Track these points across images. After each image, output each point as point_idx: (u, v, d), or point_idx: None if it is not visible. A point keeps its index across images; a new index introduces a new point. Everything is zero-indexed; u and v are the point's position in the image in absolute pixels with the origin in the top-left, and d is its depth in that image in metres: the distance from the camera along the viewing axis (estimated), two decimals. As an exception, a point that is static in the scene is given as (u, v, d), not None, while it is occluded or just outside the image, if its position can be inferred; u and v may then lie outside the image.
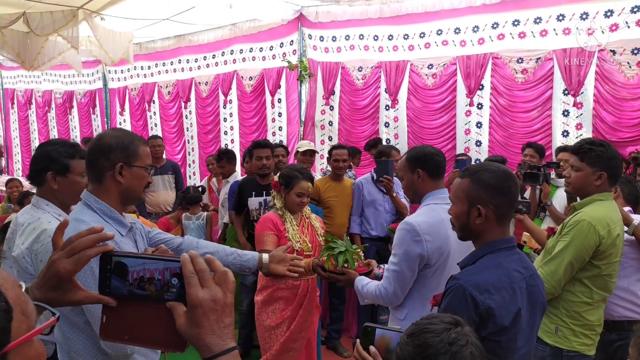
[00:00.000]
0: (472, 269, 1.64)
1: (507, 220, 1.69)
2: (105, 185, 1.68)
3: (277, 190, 3.04)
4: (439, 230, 2.17)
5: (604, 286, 2.35)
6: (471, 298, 1.50)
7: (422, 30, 5.83)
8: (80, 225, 1.57)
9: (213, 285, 0.86)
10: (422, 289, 2.21)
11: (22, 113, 11.99)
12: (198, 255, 0.87)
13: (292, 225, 2.96)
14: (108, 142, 1.68)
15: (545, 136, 5.22)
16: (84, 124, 10.80)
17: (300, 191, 2.94)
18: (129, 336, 0.92)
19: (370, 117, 6.47)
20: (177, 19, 6.78)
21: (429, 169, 2.28)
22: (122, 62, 7.68)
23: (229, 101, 7.98)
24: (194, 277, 0.85)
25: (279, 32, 7.00)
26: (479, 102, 5.65)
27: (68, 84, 10.84)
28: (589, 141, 2.45)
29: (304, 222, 3.08)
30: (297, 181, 2.93)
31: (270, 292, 2.99)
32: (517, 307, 1.55)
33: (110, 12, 5.81)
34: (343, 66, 6.58)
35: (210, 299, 0.84)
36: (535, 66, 5.20)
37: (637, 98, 4.66)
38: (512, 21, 5.24)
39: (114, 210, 1.67)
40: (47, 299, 0.94)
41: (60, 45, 6.33)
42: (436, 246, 2.16)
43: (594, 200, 2.38)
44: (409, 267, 2.16)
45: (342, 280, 2.47)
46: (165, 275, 0.88)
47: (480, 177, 1.65)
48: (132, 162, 1.69)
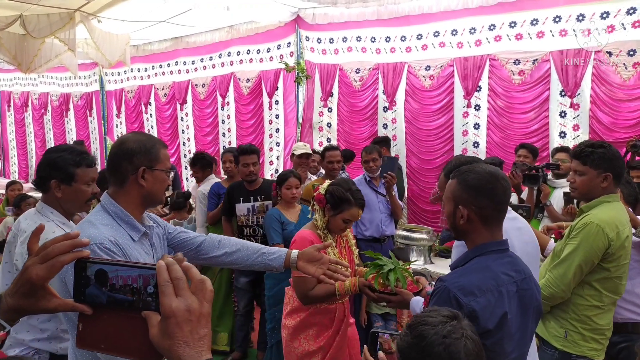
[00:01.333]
0: (460, 270, 1.63)
1: (495, 222, 1.65)
2: (126, 188, 1.68)
3: (321, 205, 2.66)
4: None
5: (614, 289, 2.32)
6: (455, 300, 1.49)
7: (419, 32, 5.85)
8: (90, 228, 1.58)
9: (188, 294, 0.82)
10: None
11: (18, 116, 11.95)
12: (175, 262, 0.84)
13: (333, 249, 2.64)
14: (131, 146, 1.68)
15: (542, 137, 5.25)
16: (80, 126, 10.78)
17: (349, 218, 2.60)
18: (105, 345, 0.89)
19: (369, 118, 6.48)
20: (174, 21, 6.78)
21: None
22: (119, 65, 7.66)
23: (226, 103, 7.98)
24: (169, 285, 0.81)
25: (276, 34, 7.01)
26: (476, 103, 5.66)
27: (64, 86, 10.82)
28: (588, 144, 2.43)
29: (341, 242, 2.77)
30: (349, 207, 2.57)
31: (304, 317, 2.67)
32: (503, 311, 1.52)
33: (107, 14, 5.80)
34: (340, 68, 6.60)
35: (184, 309, 0.80)
36: (532, 67, 5.22)
37: (634, 99, 4.70)
38: (508, 23, 5.26)
39: (128, 214, 1.67)
40: (20, 306, 0.92)
41: (57, 48, 6.32)
42: None
43: (601, 202, 2.35)
44: None
45: (395, 301, 2.21)
46: (140, 283, 0.85)
47: (465, 178, 1.64)
48: (154, 165, 1.70)
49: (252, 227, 4.07)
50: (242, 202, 4.07)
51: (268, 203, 4.06)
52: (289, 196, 3.67)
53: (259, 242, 3.93)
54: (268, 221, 3.71)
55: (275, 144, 7.51)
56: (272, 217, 3.69)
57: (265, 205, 4.07)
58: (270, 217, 3.71)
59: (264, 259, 1.93)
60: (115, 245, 1.55)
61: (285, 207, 3.75)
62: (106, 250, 1.53)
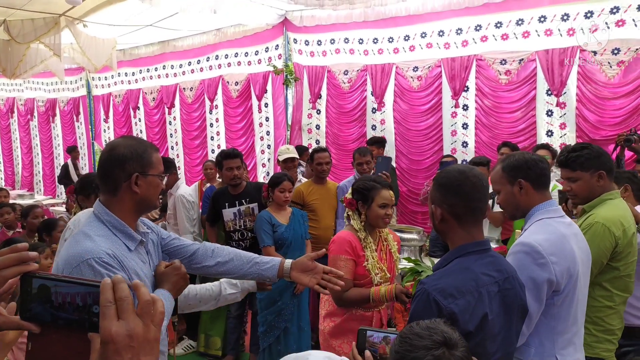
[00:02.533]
0: (439, 273, 1.62)
1: (469, 221, 1.62)
2: (120, 196, 1.63)
3: (352, 208, 2.62)
4: (564, 249, 1.85)
5: (625, 287, 2.28)
6: (435, 303, 1.47)
7: (406, 33, 5.87)
8: (86, 240, 1.52)
9: (132, 317, 0.74)
10: (552, 321, 1.87)
11: (3, 122, 11.81)
12: (123, 280, 0.77)
13: (372, 252, 2.57)
14: (122, 152, 1.62)
15: (529, 136, 5.29)
16: (67, 132, 10.68)
17: (383, 202, 2.54)
18: None
19: (357, 120, 6.49)
20: (161, 25, 6.74)
21: (533, 178, 1.96)
22: (106, 69, 7.61)
23: (215, 106, 7.96)
24: (111, 307, 0.74)
25: (264, 37, 7.00)
26: (464, 103, 5.70)
27: (51, 91, 10.71)
28: (570, 149, 2.39)
29: (381, 246, 2.68)
30: (377, 191, 2.54)
31: (339, 322, 2.60)
32: (484, 312, 1.51)
33: (93, 19, 5.76)
34: (329, 70, 6.60)
35: (125, 334, 0.72)
36: (518, 67, 5.27)
37: (619, 97, 4.76)
38: (494, 23, 5.30)
39: (124, 223, 1.62)
40: None
41: (42, 53, 6.26)
42: (564, 267, 1.83)
43: (603, 200, 2.32)
44: (535, 297, 1.81)
45: None
46: (87, 301, 0.79)
47: (437, 177, 1.68)
48: (147, 171, 1.64)
49: (240, 232, 4.06)
50: (227, 208, 4.05)
51: (253, 206, 4.05)
52: (281, 199, 3.70)
53: (247, 246, 3.95)
54: (259, 223, 3.71)
55: (266, 146, 7.49)
56: (263, 219, 3.69)
57: (250, 208, 4.05)
58: (261, 219, 3.71)
59: (257, 268, 1.89)
60: (113, 259, 1.51)
61: (277, 209, 3.76)
62: (104, 265, 1.48)
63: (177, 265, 1.71)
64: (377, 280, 2.53)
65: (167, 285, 1.65)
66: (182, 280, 1.69)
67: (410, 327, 1.22)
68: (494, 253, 1.69)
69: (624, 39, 4.63)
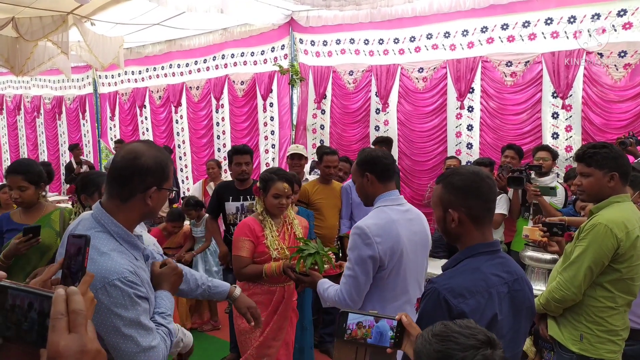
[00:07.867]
0: (450, 272, 1.62)
1: (485, 222, 1.64)
2: (130, 205, 1.56)
3: (257, 195, 2.98)
4: (390, 231, 2.18)
5: (627, 290, 2.29)
6: (445, 302, 1.48)
7: (412, 34, 5.87)
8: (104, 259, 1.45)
9: (85, 331, 0.69)
10: (381, 291, 2.22)
11: (10, 119, 11.90)
12: (77, 292, 0.72)
13: (272, 232, 2.89)
14: (147, 163, 1.54)
15: (535, 138, 5.27)
16: (73, 129, 10.74)
17: (276, 192, 2.86)
18: None
19: (361, 120, 6.49)
20: (167, 24, 6.78)
21: (378, 172, 2.31)
22: (113, 67, 7.66)
23: (221, 105, 7.98)
24: (61, 319, 0.69)
25: (270, 37, 7.02)
26: (469, 105, 5.69)
27: (57, 89, 10.78)
28: (590, 145, 2.41)
29: (285, 228, 3.00)
30: (273, 183, 2.87)
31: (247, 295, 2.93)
32: (493, 313, 1.52)
33: (101, 17, 5.80)
34: (334, 70, 6.61)
35: (76, 349, 0.67)
36: (524, 69, 5.26)
37: (625, 100, 4.73)
38: (500, 25, 5.29)
39: (130, 233, 1.56)
40: None
41: (50, 51, 6.31)
42: (387, 247, 2.16)
43: (611, 203, 2.33)
44: (362, 271, 2.16)
45: (307, 281, 2.52)
46: (44, 312, 0.74)
47: (450, 180, 1.65)
48: (163, 185, 1.60)
49: None
50: (231, 201, 4.11)
51: None
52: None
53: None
54: None
55: (270, 145, 7.51)
56: None
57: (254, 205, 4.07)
58: None
59: (208, 292, 2.05)
60: (135, 275, 1.47)
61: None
62: (130, 284, 1.43)
63: (173, 265, 1.73)
64: (275, 255, 2.83)
65: (166, 285, 1.67)
66: (179, 279, 1.76)
67: (445, 326, 1.20)
68: (503, 254, 1.69)
69: (631, 42, 4.60)
